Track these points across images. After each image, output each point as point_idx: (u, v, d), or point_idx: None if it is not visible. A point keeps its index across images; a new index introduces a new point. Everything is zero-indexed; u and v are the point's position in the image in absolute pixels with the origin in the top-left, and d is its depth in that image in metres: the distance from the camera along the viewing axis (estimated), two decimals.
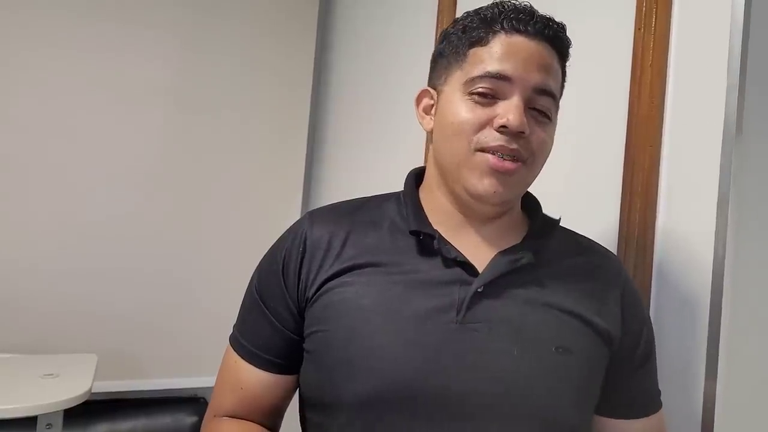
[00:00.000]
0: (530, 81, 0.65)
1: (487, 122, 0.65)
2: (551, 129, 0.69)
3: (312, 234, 0.71)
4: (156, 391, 1.79)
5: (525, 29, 0.66)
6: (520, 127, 0.63)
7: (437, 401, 0.61)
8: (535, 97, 0.66)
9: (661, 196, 0.85)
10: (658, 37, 0.86)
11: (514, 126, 0.63)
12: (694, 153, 0.81)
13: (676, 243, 0.82)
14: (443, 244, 0.67)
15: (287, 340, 0.71)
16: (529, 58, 0.65)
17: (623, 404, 0.72)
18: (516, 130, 0.63)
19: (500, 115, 0.64)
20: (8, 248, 1.67)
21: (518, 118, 0.63)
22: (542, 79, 0.66)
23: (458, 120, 0.66)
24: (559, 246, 0.72)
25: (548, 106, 0.67)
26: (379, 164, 1.69)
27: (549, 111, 0.67)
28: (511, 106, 0.64)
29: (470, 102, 0.66)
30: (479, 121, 0.65)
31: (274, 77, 2.02)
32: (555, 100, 0.68)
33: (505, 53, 0.65)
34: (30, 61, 1.70)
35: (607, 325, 0.68)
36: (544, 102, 0.66)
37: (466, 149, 0.65)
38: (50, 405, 1.27)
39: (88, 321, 1.75)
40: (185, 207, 1.89)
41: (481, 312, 0.64)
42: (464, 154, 0.66)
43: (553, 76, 0.67)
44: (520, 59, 0.65)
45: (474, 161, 0.65)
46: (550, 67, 0.67)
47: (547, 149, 0.68)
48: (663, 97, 0.85)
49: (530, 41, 0.66)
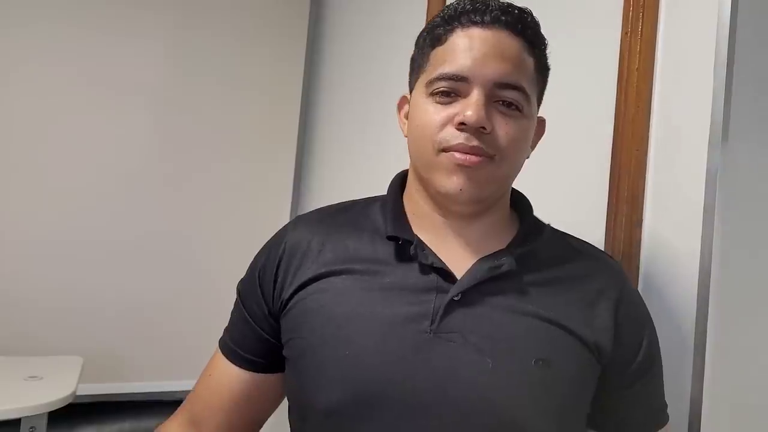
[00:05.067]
0: (488, 75, 0.62)
1: (448, 121, 0.63)
2: (524, 122, 0.65)
3: (292, 238, 0.71)
4: (141, 394, 1.78)
5: (481, 20, 0.64)
6: (478, 122, 0.61)
7: (406, 412, 0.60)
8: (498, 90, 0.63)
9: (647, 201, 0.85)
10: (645, 41, 0.86)
11: (471, 122, 0.61)
12: (681, 157, 0.80)
13: (663, 248, 0.82)
14: (421, 250, 0.65)
15: (263, 341, 0.72)
16: (486, 51, 0.63)
17: (619, 419, 0.69)
18: (474, 125, 0.61)
19: (459, 113, 0.62)
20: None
21: (475, 114, 0.61)
22: (502, 71, 0.63)
23: (422, 122, 0.65)
24: (548, 251, 0.69)
25: (515, 98, 0.64)
26: (369, 168, 1.69)
27: (518, 103, 0.64)
28: (470, 102, 0.62)
29: (432, 103, 0.65)
30: (440, 121, 0.63)
31: (264, 80, 2.02)
32: (522, 93, 0.64)
33: (461, 50, 0.64)
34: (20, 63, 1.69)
35: (595, 335, 0.64)
36: (509, 94, 0.64)
37: (431, 150, 0.64)
38: (34, 407, 1.26)
39: (74, 323, 1.73)
40: (173, 210, 1.88)
41: (457, 321, 0.62)
42: (430, 156, 0.65)
43: (518, 66, 0.64)
44: (477, 54, 0.63)
45: (439, 161, 0.64)
46: (513, 57, 0.64)
47: (518, 143, 0.65)
48: (650, 100, 0.85)
49: (487, 31, 0.64)
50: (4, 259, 1.67)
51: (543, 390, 0.61)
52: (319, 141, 2.10)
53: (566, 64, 0.99)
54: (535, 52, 0.67)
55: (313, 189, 2.09)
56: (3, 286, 1.66)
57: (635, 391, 0.68)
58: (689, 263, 0.77)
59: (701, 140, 0.77)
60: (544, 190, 0.98)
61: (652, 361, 0.69)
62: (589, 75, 0.96)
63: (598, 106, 0.93)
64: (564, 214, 0.95)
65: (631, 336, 0.67)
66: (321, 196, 2.01)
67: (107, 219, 1.79)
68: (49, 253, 1.72)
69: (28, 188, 1.70)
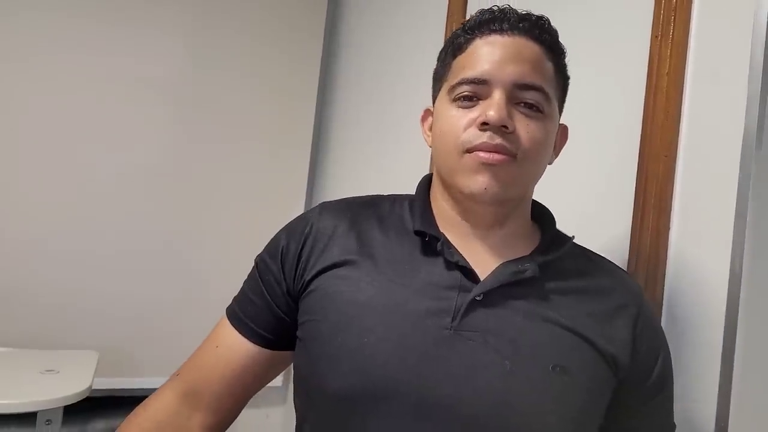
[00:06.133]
0: (508, 77, 0.64)
1: (471, 123, 0.64)
2: (546, 123, 0.66)
3: (318, 222, 0.72)
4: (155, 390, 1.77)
5: (499, 27, 0.66)
6: (500, 120, 0.62)
7: (419, 407, 0.59)
8: (519, 92, 0.65)
9: (675, 209, 0.83)
10: (676, 45, 0.84)
11: (493, 120, 0.62)
12: (711, 165, 0.79)
13: (690, 257, 0.80)
14: (447, 247, 0.66)
15: (277, 318, 0.72)
16: (506, 54, 0.65)
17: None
18: (496, 124, 0.62)
19: (481, 113, 0.63)
20: (13, 243, 1.67)
21: (497, 113, 0.62)
22: (521, 72, 0.64)
23: (445, 127, 0.67)
24: (569, 264, 0.70)
25: (536, 99, 0.65)
26: (384, 168, 1.68)
27: (538, 104, 0.65)
28: (491, 103, 0.63)
29: (455, 108, 0.66)
30: (464, 124, 0.65)
31: (280, 79, 2.03)
32: (543, 93, 0.65)
33: (481, 55, 0.66)
34: (40, 60, 1.70)
35: (613, 348, 0.65)
36: (530, 96, 0.65)
37: (455, 153, 0.65)
38: (50, 401, 1.27)
39: (90, 318, 1.75)
40: (189, 207, 1.90)
41: (477, 321, 0.62)
42: (454, 158, 0.65)
43: (537, 69, 0.66)
44: (496, 58, 0.65)
45: (463, 163, 0.65)
46: (531, 60, 0.65)
47: (541, 143, 0.66)
48: (679, 106, 0.83)
49: (505, 37, 0.66)
50: (25, 254, 1.69)
51: (559, 396, 0.61)
52: (334, 140, 2.09)
53: (594, 68, 0.97)
54: (554, 59, 0.69)
55: (327, 188, 2.09)
56: (22, 282, 1.68)
57: (648, 408, 0.69)
58: (719, 274, 0.75)
59: (734, 148, 0.75)
60: (569, 196, 0.97)
61: (665, 381, 0.70)
62: (616, 79, 0.94)
63: (625, 111, 0.91)
64: (589, 219, 0.94)
65: (647, 354, 0.68)
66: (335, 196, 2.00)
67: (123, 216, 1.80)
68: (66, 251, 1.73)
69: (48, 184, 1.71)
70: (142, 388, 1.74)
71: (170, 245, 1.86)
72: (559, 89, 0.70)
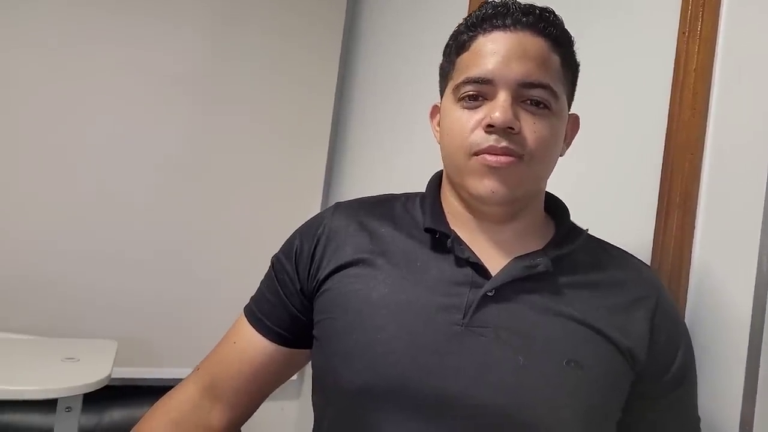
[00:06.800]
0: (512, 76, 0.63)
1: (477, 125, 0.64)
2: (553, 120, 0.65)
3: (332, 222, 0.73)
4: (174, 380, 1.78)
5: (502, 23, 0.65)
6: (506, 122, 0.62)
7: (432, 402, 0.60)
8: (524, 90, 0.64)
9: (700, 208, 0.81)
10: (704, 40, 0.82)
11: (498, 122, 0.62)
12: (739, 164, 0.77)
13: (716, 258, 0.79)
14: (457, 244, 0.66)
15: (292, 316, 0.73)
16: (509, 52, 0.64)
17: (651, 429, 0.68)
18: (502, 126, 0.62)
19: (486, 115, 0.63)
20: (36, 235, 1.70)
21: (502, 115, 0.61)
22: (526, 71, 0.63)
23: (452, 128, 0.66)
24: (584, 256, 0.69)
25: (543, 96, 0.64)
26: (400, 168, 1.68)
27: (545, 101, 0.64)
28: (497, 104, 0.63)
29: (460, 109, 0.66)
30: (470, 126, 0.64)
31: (299, 75, 2.03)
32: (549, 90, 0.64)
33: (485, 54, 0.65)
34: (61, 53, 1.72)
35: (630, 342, 0.64)
36: (536, 93, 0.64)
37: (462, 155, 0.65)
38: (71, 389, 1.29)
39: (110, 308, 1.77)
40: (207, 202, 1.92)
41: (489, 317, 0.62)
42: (462, 161, 0.65)
43: (542, 65, 0.64)
44: (500, 56, 0.64)
45: (471, 165, 0.64)
46: (536, 57, 0.64)
47: (548, 142, 0.65)
48: (707, 103, 0.82)
49: (508, 34, 0.64)
50: (48, 246, 1.71)
51: (573, 390, 0.61)
52: (351, 140, 2.09)
53: (618, 64, 0.96)
54: (560, 50, 0.67)
55: (343, 187, 2.09)
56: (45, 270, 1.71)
57: (669, 401, 0.68)
58: (745, 273, 0.74)
59: (762, 146, 0.73)
60: (590, 193, 0.96)
61: (686, 374, 0.68)
62: (642, 75, 0.93)
63: (650, 107, 0.90)
64: (611, 216, 0.93)
65: (666, 346, 0.67)
66: (351, 196, 2.01)
67: (146, 209, 1.83)
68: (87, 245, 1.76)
69: (72, 176, 1.74)
70: (159, 378, 1.77)
71: (188, 241, 1.88)
72: (568, 81, 0.69)
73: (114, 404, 1.69)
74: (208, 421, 0.74)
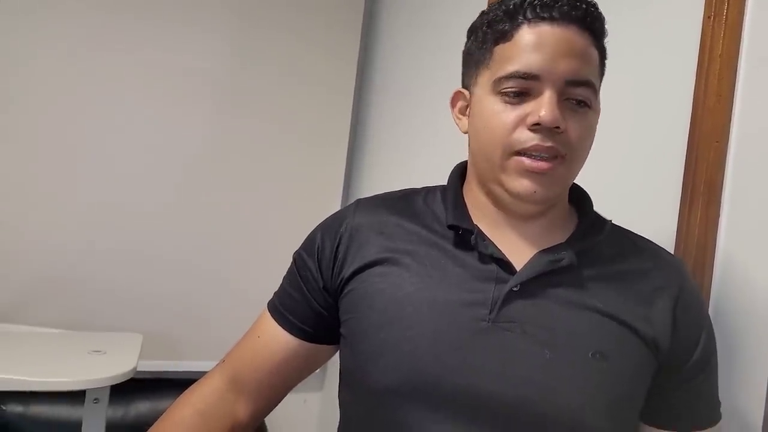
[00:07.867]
0: (561, 74, 0.61)
1: (520, 122, 0.62)
2: (592, 117, 0.65)
3: (354, 220, 0.72)
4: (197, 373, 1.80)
5: (550, 15, 0.62)
6: (554, 122, 0.60)
7: (460, 399, 0.60)
8: (569, 88, 0.62)
9: (725, 197, 0.80)
10: (730, 25, 0.80)
11: (546, 122, 0.60)
12: (766, 151, 0.75)
13: (741, 248, 0.77)
14: (481, 240, 0.66)
15: (315, 311, 0.73)
16: (558, 49, 0.61)
17: (672, 414, 0.68)
18: (550, 125, 0.60)
19: (532, 113, 0.61)
20: (65, 235, 1.74)
21: (550, 114, 0.60)
22: (574, 69, 0.62)
23: (491, 124, 0.64)
24: (608, 248, 0.69)
25: (586, 95, 0.63)
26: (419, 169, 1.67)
27: (587, 99, 0.63)
28: (543, 102, 0.61)
29: (501, 103, 0.63)
30: (511, 123, 0.62)
31: (318, 76, 2.03)
32: (591, 88, 0.64)
33: (531, 48, 0.62)
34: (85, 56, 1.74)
35: (654, 331, 0.64)
36: (580, 92, 0.63)
37: (500, 153, 0.63)
38: (98, 380, 1.31)
39: (135, 303, 1.81)
40: (230, 201, 1.94)
41: (515, 312, 0.62)
42: (499, 158, 0.64)
43: (587, 61, 0.63)
44: (548, 52, 0.61)
45: (509, 165, 0.63)
46: (582, 53, 0.63)
47: (588, 141, 0.65)
48: (732, 89, 0.80)
49: (556, 28, 0.62)
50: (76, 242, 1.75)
51: (599, 383, 0.61)
52: (370, 141, 2.09)
53: (642, 49, 0.94)
54: (599, 44, 0.66)
55: (362, 187, 2.09)
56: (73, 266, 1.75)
57: (691, 387, 0.67)
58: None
59: None
60: (613, 181, 0.94)
61: (708, 359, 0.68)
62: (666, 61, 0.91)
63: (674, 94, 0.88)
64: (634, 206, 0.91)
65: (689, 333, 0.66)
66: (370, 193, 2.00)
67: (170, 206, 1.85)
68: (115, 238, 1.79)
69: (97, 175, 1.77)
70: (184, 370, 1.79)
71: (211, 239, 1.91)
72: (601, 74, 0.68)
73: (139, 396, 1.72)
74: (233, 413, 0.75)
